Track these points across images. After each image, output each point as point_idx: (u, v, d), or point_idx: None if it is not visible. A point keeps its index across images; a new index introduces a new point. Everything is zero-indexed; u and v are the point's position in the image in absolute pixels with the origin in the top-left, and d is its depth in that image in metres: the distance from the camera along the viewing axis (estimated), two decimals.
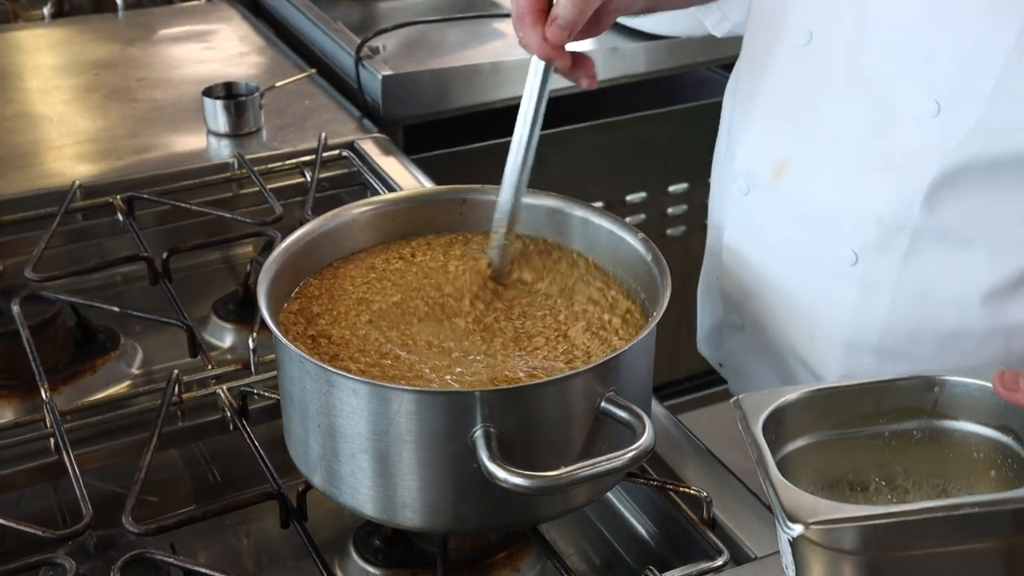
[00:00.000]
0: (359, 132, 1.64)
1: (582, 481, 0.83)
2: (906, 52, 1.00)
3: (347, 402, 0.88)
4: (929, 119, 0.99)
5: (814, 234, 1.08)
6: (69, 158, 1.57)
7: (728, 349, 1.24)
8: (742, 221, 1.15)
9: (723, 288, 1.20)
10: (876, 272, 1.04)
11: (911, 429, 0.91)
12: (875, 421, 0.91)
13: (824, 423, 0.90)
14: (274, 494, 1.02)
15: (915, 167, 1.00)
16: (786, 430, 0.88)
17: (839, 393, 0.91)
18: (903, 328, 1.04)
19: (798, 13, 1.09)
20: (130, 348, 1.31)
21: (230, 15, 2.10)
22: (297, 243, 1.03)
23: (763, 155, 1.12)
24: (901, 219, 1.01)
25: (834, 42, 1.06)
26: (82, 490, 1.00)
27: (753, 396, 0.89)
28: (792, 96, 1.10)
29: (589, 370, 0.88)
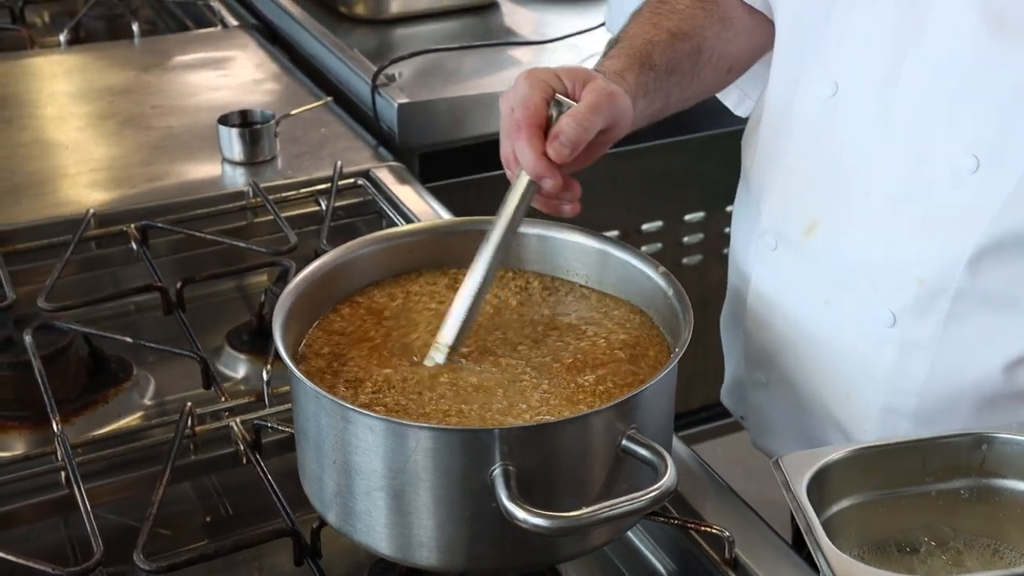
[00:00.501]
0: (374, 160, 1.63)
1: (603, 522, 0.82)
2: (942, 103, 0.97)
3: (363, 439, 0.86)
4: (968, 175, 0.95)
5: (849, 294, 1.04)
6: (83, 186, 1.56)
7: (750, 405, 1.21)
8: (770, 277, 1.11)
9: (748, 344, 1.16)
10: (915, 335, 1.00)
11: (958, 488, 0.89)
12: (921, 480, 0.89)
13: (868, 483, 0.88)
14: (288, 531, 1.00)
15: (958, 228, 0.96)
16: (830, 491, 0.86)
17: (883, 452, 0.89)
18: (942, 393, 1.01)
19: (822, 63, 1.05)
20: (143, 379, 1.30)
21: (245, 42, 2.09)
22: (314, 275, 1.02)
23: (792, 213, 1.08)
24: (943, 281, 0.97)
25: (862, 93, 1.02)
26: (93, 526, 0.98)
27: (794, 456, 0.86)
28: (819, 151, 1.06)
29: (610, 408, 0.87)
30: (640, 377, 0.96)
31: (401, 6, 2.14)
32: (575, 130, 0.95)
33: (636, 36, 1.13)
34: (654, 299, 1.02)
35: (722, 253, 2.09)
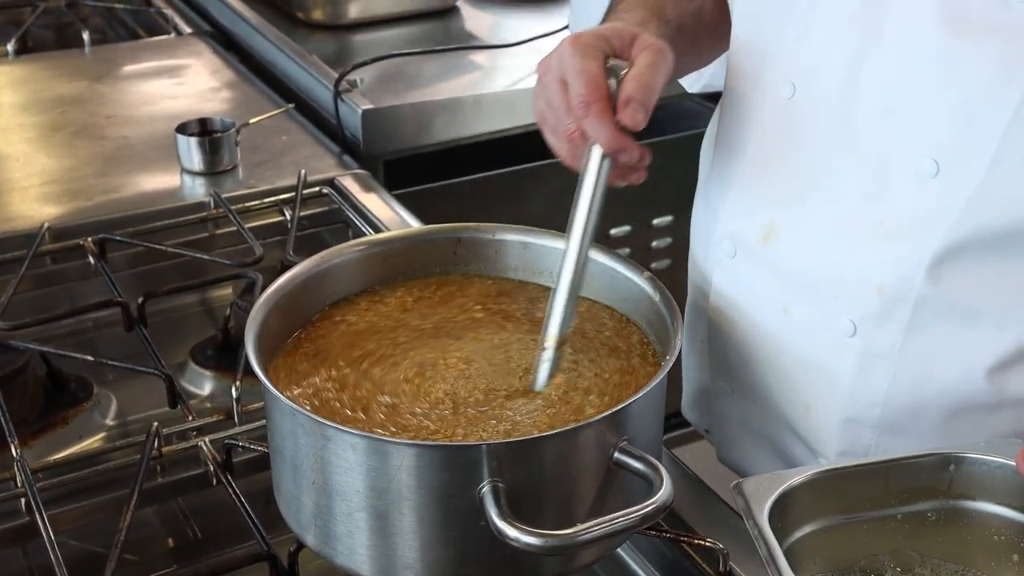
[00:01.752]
0: (339, 168, 1.59)
1: (599, 539, 0.78)
2: (902, 105, 0.93)
3: (344, 457, 0.82)
4: (928, 179, 0.92)
5: (809, 302, 1.00)
6: (36, 199, 1.50)
7: (716, 416, 1.17)
8: (730, 284, 1.07)
9: (711, 353, 1.13)
10: (876, 344, 0.97)
11: (926, 511, 0.86)
12: (886, 503, 0.86)
13: (832, 507, 0.85)
14: (264, 555, 0.96)
15: (917, 234, 0.93)
16: (792, 516, 0.83)
17: (846, 474, 0.85)
18: (905, 402, 0.98)
19: (779, 64, 1.01)
20: (104, 398, 1.25)
21: (200, 49, 2.05)
22: (286, 286, 0.98)
23: (749, 217, 1.04)
24: (903, 289, 0.94)
25: (821, 95, 0.98)
26: (57, 555, 0.94)
27: (754, 481, 0.83)
28: (776, 154, 1.02)
29: (601, 419, 0.83)
30: (627, 386, 0.93)
31: (359, 11, 2.11)
32: (644, 93, 0.90)
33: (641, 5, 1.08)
34: (639, 305, 0.99)
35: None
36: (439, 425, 0.88)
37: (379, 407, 0.90)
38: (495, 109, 1.79)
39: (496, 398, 0.91)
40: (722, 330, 1.09)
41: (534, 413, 0.89)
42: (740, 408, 1.12)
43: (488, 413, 0.89)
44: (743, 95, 1.06)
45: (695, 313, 1.15)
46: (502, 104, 1.80)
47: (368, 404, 0.91)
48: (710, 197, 1.12)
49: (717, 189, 1.09)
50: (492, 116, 1.79)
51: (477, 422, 0.88)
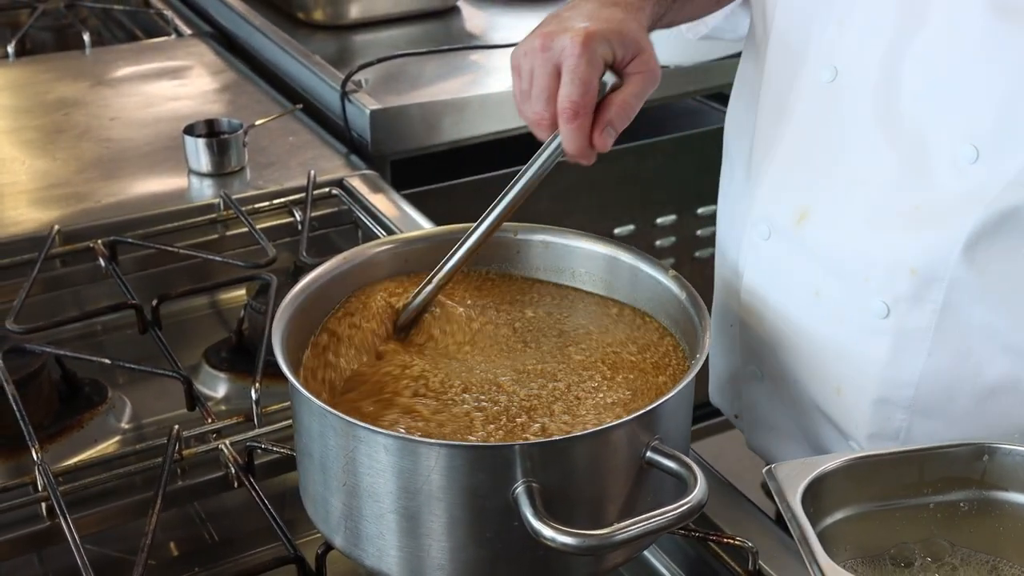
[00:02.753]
0: (346, 169, 1.58)
1: (635, 539, 0.78)
2: (943, 91, 0.94)
3: (376, 459, 0.82)
4: (967, 165, 0.92)
5: (841, 285, 1.01)
6: (43, 202, 1.49)
7: (745, 401, 1.17)
8: (763, 267, 1.08)
9: (742, 337, 1.13)
10: (910, 325, 0.97)
11: (958, 500, 0.86)
12: (919, 492, 0.86)
13: (864, 494, 0.85)
14: (291, 557, 0.95)
15: (953, 217, 0.93)
16: (824, 502, 0.83)
17: (880, 462, 0.85)
18: (939, 383, 0.98)
19: (822, 48, 1.02)
20: (118, 401, 1.24)
21: (201, 51, 2.04)
22: (309, 287, 0.97)
23: (784, 199, 1.05)
24: (937, 271, 0.95)
25: (862, 79, 0.99)
26: (84, 560, 0.93)
27: (787, 465, 0.83)
28: (816, 137, 1.03)
29: (634, 419, 0.83)
30: (655, 385, 0.93)
31: (360, 11, 2.10)
32: (622, 121, 0.94)
33: None
34: (665, 303, 0.99)
35: (694, 255, 2.07)
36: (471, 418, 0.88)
37: (407, 406, 0.90)
38: (501, 108, 1.78)
39: (528, 400, 0.91)
40: (753, 313, 1.10)
41: (561, 410, 0.89)
42: (770, 392, 1.12)
43: (517, 410, 0.89)
44: (782, 79, 1.07)
45: (725, 297, 1.16)
46: (508, 103, 1.78)
47: (396, 403, 0.90)
48: (742, 180, 1.13)
49: (755, 171, 1.10)
50: (498, 116, 1.78)
51: (508, 420, 0.88)
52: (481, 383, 0.92)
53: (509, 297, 1.04)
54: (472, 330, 0.99)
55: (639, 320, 1.01)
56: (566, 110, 0.93)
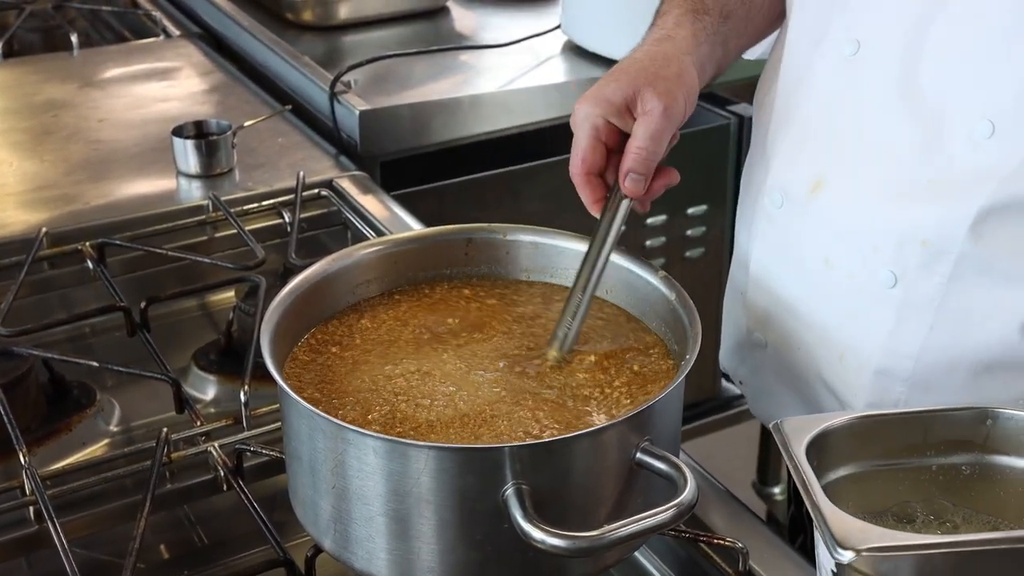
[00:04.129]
0: (336, 170, 1.58)
1: (625, 540, 0.78)
2: (964, 66, 0.96)
3: (365, 461, 0.82)
4: (983, 140, 0.94)
5: (851, 254, 1.03)
6: (31, 204, 1.49)
7: (749, 366, 1.19)
8: (773, 236, 1.11)
9: (748, 303, 1.15)
10: (915, 296, 0.99)
11: (960, 464, 0.86)
12: (922, 453, 0.86)
13: (867, 453, 0.85)
14: (280, 561, 0.95)
15: (965, 191, 0.95)
16: (827, 458, 0.83)
17: (885, 422, 0.86)
18: (939, 357, 1.00)
19: (846, 21, 1.04)
20: (107, 404, 1.24)
21: (190, 51, 2.03)
22: (298, 289, 0.97)
23: (799, 169, 1.07)
24: (947, 243, 0.96)
25: (885, 53, 1.01)
26: (72, 565, 0.92)
27: (794, 420, 0.83)
28: (834, 109, 1.05)
29: (624, 420, 0.83)
30: (644, 387, 0.93)
31: (349, 12, 2.09)
32: (643, 166, 0.97)
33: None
34: (654, 305, 0.99)
35: (684, 256, 2.06)
36: (460, 419, 0.87)
37: (394, 409, 0.89)
38: (491, 109, 1.78)
39: (514, 400, 0.90)
40: (762, 281, 1.12)
41: (550, 411, 0.89)
42: (773, 360, 1.14)
43: (507, 414, 0.89)
44: (805, 52, 1.09)
45: (738, 265, 1.18)
46: (498, 104, 1.79)
47: (383, 406, 0.90)
48: (759, 151, 1.15)
49: (772, 141, 1.12)
50: (488, 116, 1.78)
51: (497, 420, 0.88)
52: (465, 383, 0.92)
53: (498, 298, 1.04)
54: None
55: (628, 321, 1.00)
56: (573, 176, 1.01)
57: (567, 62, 1.93)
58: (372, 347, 0.97)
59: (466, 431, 0.87)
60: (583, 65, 1.90)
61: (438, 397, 0.91)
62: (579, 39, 1.94)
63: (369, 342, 0.98)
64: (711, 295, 2.11)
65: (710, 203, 2.04)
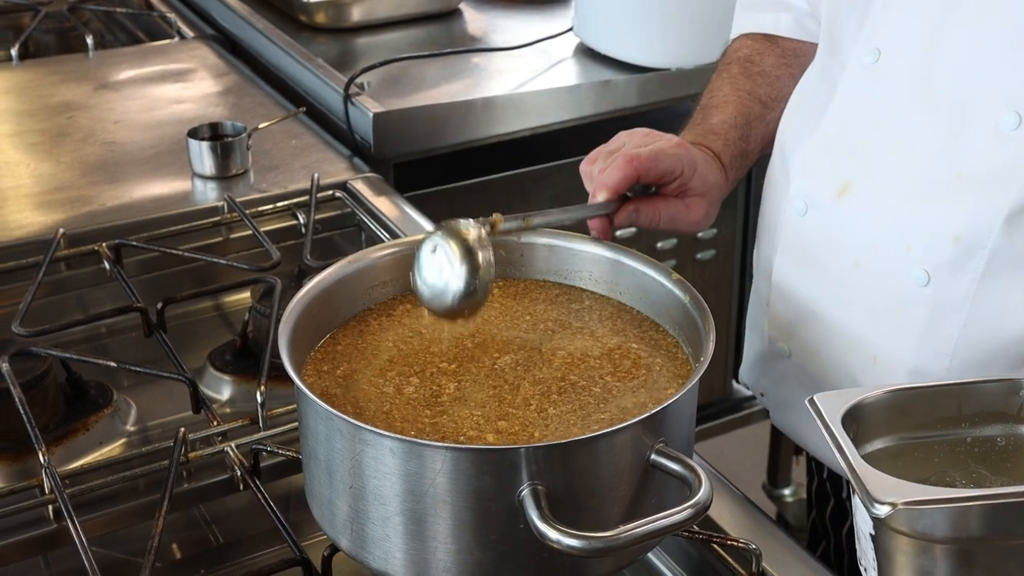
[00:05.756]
0: (350, 172, 1.59)
1: (640, 540, 0.78)
2: (985, 60, 0.96)
3: (383, 462, 0.82)
4: (1009, 131, 0.94)
5: (881, 254, 1.03)
6: (47, 205, 1.50)
7: (771, 377, 1.20)
8: (797, 243, 1.11)
9: (772, 314, 1.16)
10: (949, 294, 0.99)
11: (995, 436, 0.86)
12: (956, 425, 0.87)
13: (902, 425, 0.86)
14: (297, 560, 0.95)
15: (996, 185, 0.95)
16: (863, 431, 0.84)
17: (918, 394, 0.86)
18: (974, 354, 1.00)
19: (865, 32, 1.05)
20: (123, 404, 1.25)
21: (204, 53, 2.04)
22: (315, 290, 0.97)
23: (824, 176, 1.08)
24: (979, 238, 0.96)
25: (905, 57, 1.01)
26: (92, 563, 0.93)
27: (829, 395, 0.84)
28: (857, 115, 1.06)
29: (639, 421, 0.83)
30: (657, 388, 0.93)
31: (363, 14, 2.10)
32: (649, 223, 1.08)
33: (737, 114, 1.18)
34: (669, 307, 0.99)
35: (695, 257, 2.07)
36: (476, 420, 0.88)
37: (418, 406, 0.90)
38: (503, 111, 1.79)
39: (531, 403, 0.91)
40: (786, 290, 1.13)
41: (564, 413, 0.90)
42: (798, 369, 1.14)
43: (519, 413, 0.89)
44: (825, 61, 1.10)
45: (761, 276, 1.19)
46: (511, 106, 1.80)
47: (399, 407, 0.91)
48: (779, 162, 1.16)
49: (791, 150, 1.13)
50: (500, 118, 1.79)
51: (514, 420, 0.88)
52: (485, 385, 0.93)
53: (513, 298, 1.05)
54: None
55: (643, 323, 1.01)
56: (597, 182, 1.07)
57: (579, 64, 1.94)
58: (388, 348, 0.98)
59: (487, 427, 0.88)
60: (595, 68, 1.91)
61: (455, 394, 0.91)
62: (591, 42, 1.95)
63: (385, 343, 0.98)
64: (722, 297, 2.12)
65: (721, 205, 2.04)
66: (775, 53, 1.24)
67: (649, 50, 1.86)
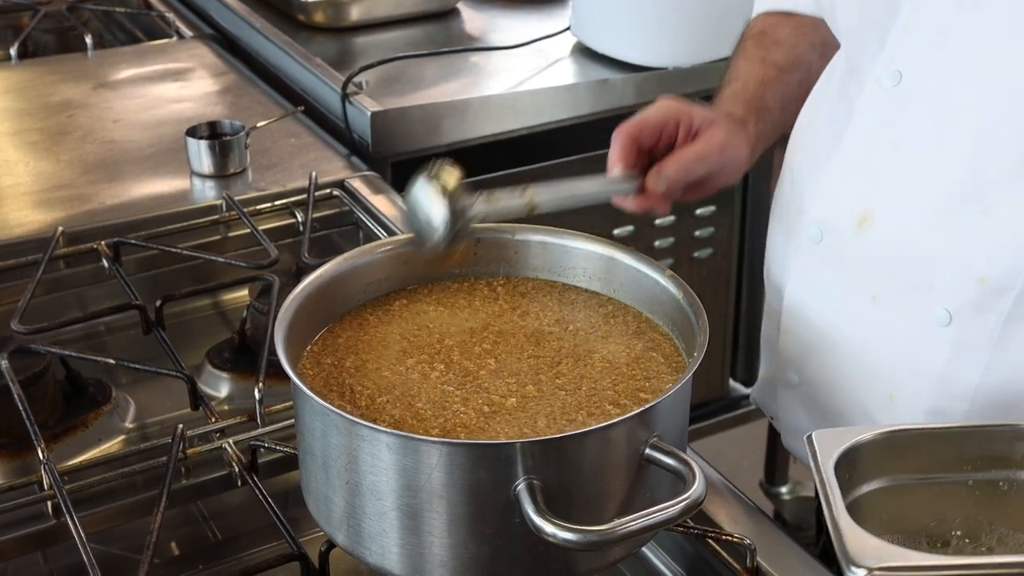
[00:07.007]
0: (347, 170, 1.59)
1: (636, 534, 0.79)
2: (1012, 90, 0.92)
3: (378, 457, 0.83)
4: None
5: (900, 290, 0.99)
6: (46, 203, 1.50)
7: (781, 403, 1.17)
8: (811, 272, 1.07)
9: (783, 342, 1.12)
10: (971, 335, 0.95)
11: (997, 480, 0.86)
12: (958, 468, 0.86)
13: (903, 466, 0.85)
14: (294, 555, 0.96)
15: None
16: (861, 470, 0.84)
17: (919, 436, 0.86)
18: (995, 398, 0.96)
19: (887, 52, 1.00)
20: (122, 401, 1.25)
21: (202, 52, 2.05)
22: (311, 287, 0.98)
23: (842, 204, 1.04)
24: (1008, 279, 0.92)
25: (926, 82, 0.97)
26: (91, 558, 0.94)
27: (827, 432, 0.84)
28: (878, 141, 1.02)
29: (634, 416, 0.84)
30: (651, 384, 0.94)
31: (361, 13, 2.11)
32: (676, 171, 1.02)
33: (749, 77, 1.15)
34: (663, 303, 1.00)
35: (692, 256, 2.08)
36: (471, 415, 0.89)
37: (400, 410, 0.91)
38: (501, 110, 1.80)
39: (526, 399, 0.92)
40: (798, 318, 1.09)
41: (560, 408, 0.90)
42: (806, 399, 1.12)
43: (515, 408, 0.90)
44: (845, 84, 1.07)
45: (772, 299, 1.16)
46: (507, 105, 1.81)
47: (388, 408, 0.91)
48: (795, 184, 1.13)
49: (807, 175, 1.10)
50: (498, 117, 1.80)
51: (510, 415, 0.89)
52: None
53: (507, 296, 1.05)
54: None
55: (636, 319, 1.02)
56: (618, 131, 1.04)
57: (576, 64, 1.94)
58: (384, 345, 0.98)
59: (481, 424, 0.88)
60: (592, 67, 1.91)
61: (450, 392, 0.92)
62: (588, 41, 1.96)
63: (380, 340, 0.99)
64: (719, 295, 2.13)
65: (718, 204, 2.05)
66: (791, 24, 1.20)
67: (646, 49, 1.87)
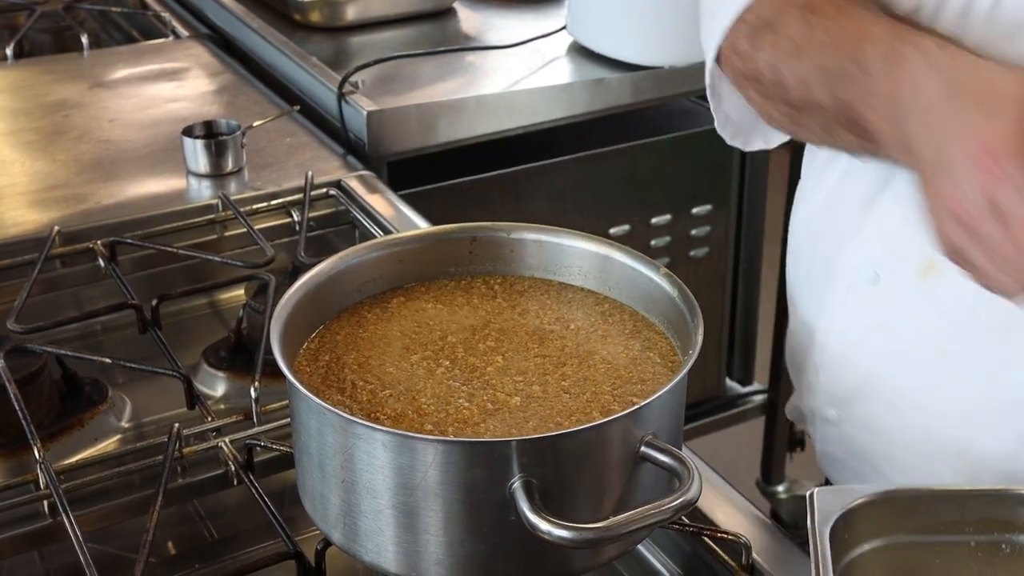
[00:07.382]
0: (344, 170, 1.60)
1: (631, 531, 0.79)
2: None
3: (374, 455, 0.83)
4: None
5: (978, 348, 0.92)
6: (42, 203, 1.50)
7: (818, 435, 1.12)
8: (864, 315, 0.99)
9: (825, 381, 1.06)
10: None
11: (1000, 542, 0.84)
12: (960, 530, 0.85)
13: (903, 526, 0.84)
14: (290, 553, 0.96)
15: None
16: (861, 529, 0.83)
17: (921, 496, 0.84)
18: None
19: None
20: (118, 400, 1.25)
21: (199, 52, 2.05)
22: (307, 286, 0.98)
23: (905, 247, 0.94)
24: None
25: None
26: (87, 557, 0.94)
27: (828, 492, 0.83)
28: None
29: (629, 413, 0.84)
30: (646, 387, 0.94)
31: (357, 13, 2.11)
32: None
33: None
34: (658, 301, 1.00)
35: (688, 255, 2.08)
36: (463, 422, 0.89)
37: (402, 404, 0.91)
38: (497, 110, 1.80)
39: (523, 397, 0.92)
40: (845, 359, 1.02)
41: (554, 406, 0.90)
42: (847, 436, 1.06)
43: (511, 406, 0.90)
44: None
45: (804, 336, 1.07)
46: (503, 105, 1.81)
47: (390, 402, 0.91)
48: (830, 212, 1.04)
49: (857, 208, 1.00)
50: (494, 117, 1.80)
51: (505, 413, 0.89)
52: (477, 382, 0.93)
53: (503, 294, 1.05)
54: None
55: (632, 317, 1.02)
56: None
57: (573, 63, 1.94)
58: (385, 342, 0.99)
59: (478, 421, 0.88)
60: (589, 66, 1.92)
61: (456, 388, 0.92)
62: (585, 40, 1.96)
63: (376, 338, 0.99)
64: (715, 294, 2.13)
65: (714, 203, 2.06)
66: None
67: (642, 48, 1.87)
